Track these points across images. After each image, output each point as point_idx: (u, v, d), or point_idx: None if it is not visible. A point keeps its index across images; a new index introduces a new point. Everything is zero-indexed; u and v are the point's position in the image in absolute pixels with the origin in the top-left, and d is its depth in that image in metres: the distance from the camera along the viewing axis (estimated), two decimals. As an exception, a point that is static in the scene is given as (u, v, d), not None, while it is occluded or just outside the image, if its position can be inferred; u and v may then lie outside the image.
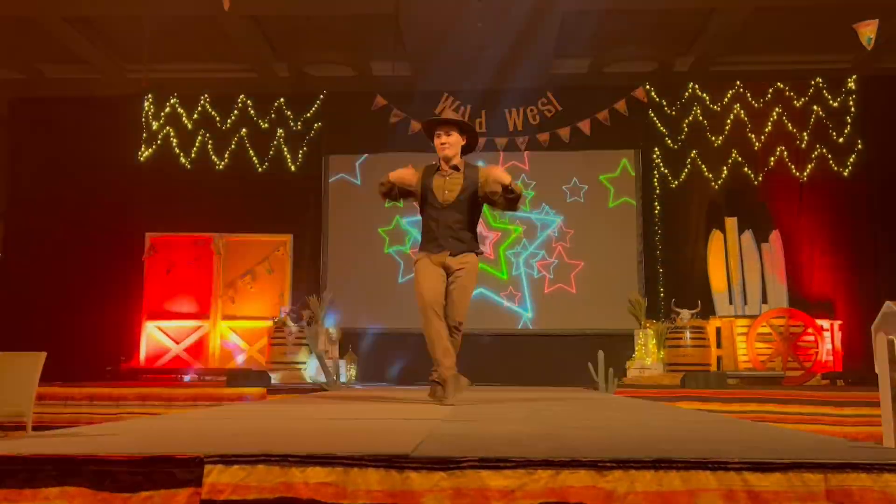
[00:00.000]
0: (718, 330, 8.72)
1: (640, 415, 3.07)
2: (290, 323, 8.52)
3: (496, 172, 3.92)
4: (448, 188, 4.10)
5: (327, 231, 9.65)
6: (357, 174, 9.70)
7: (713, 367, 8.37)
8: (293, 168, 9.74)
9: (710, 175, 9.45)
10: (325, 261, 9.56)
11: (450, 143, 4.08)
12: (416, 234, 9.18)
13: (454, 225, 4.10)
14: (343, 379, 7.53)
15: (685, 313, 8.29)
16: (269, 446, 1.74)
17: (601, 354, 6.37)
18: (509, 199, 3.99)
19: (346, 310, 9.18)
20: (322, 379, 6.76)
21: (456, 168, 4.12)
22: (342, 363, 8.10)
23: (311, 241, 9.63)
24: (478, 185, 4.07)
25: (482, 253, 4.35)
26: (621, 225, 9.44)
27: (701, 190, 9.43)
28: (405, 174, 4.06)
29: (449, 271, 4.08)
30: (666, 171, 9.57)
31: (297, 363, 8.35)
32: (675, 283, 9.28)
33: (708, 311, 8.78)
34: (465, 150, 4.18)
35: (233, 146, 9.73)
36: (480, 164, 4.25)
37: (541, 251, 9.48)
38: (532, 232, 9.53)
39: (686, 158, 9.51)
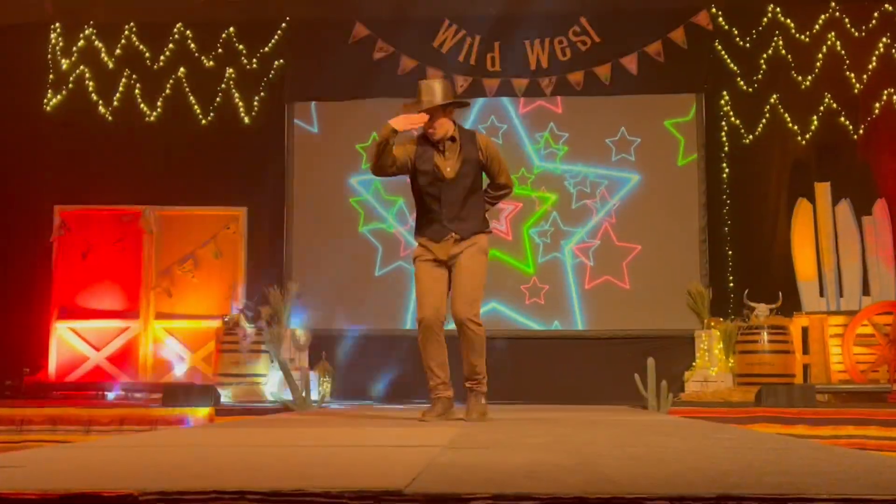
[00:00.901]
0: (805, 330, 8.82)
1: (700, 440, 3.10)
2: (244, 323, 8.62)
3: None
4: (447, 160, 4.62)
5: (292, 203, 9.70)
6: (330, 127, 9.72)
7: (798, 379, 8.45)
8: (247, 120, 9.78)
9: (796, 127, 9.47)
10: (289, 242, 9.64)
11: (439, 126, 4.60)
12: (403, 206, 9.38)
13: (459, 202, 4.61)
14: (314, 396, 7.57)
15: (762, 309, 8.35)
16: (222, 481, 1.77)
17: (651, 363, 6.47)
18: (497, 196, 4.80)
19: (317, 306, 9.30)
20: (287, 396, 6.82)
21: (452, 139, 4.63)
22: (313, 375, 8.19)
23: (272, 216, 9.69)
24: (478, 151, 4.63)
25: (491, 231, 4.85)
26: (678, 193, 9.50)
27: (783, 147, 9.48)
28: (415, 120, 4.51)
29: (454, 259, 4.58)
30: (737, 121, 9.58)
31: (255, 375, 8.50)
32: (748, 270, 9.33)
33: (792, 305, 8.88)
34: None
35: (167, 91, 9.72)
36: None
37: (576, 228, 9.54)
38: (566, 204, 9.56)
39: (764, 105, 9.51)
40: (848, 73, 9.39)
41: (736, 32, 9.52)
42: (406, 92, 8.73)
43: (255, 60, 9.73)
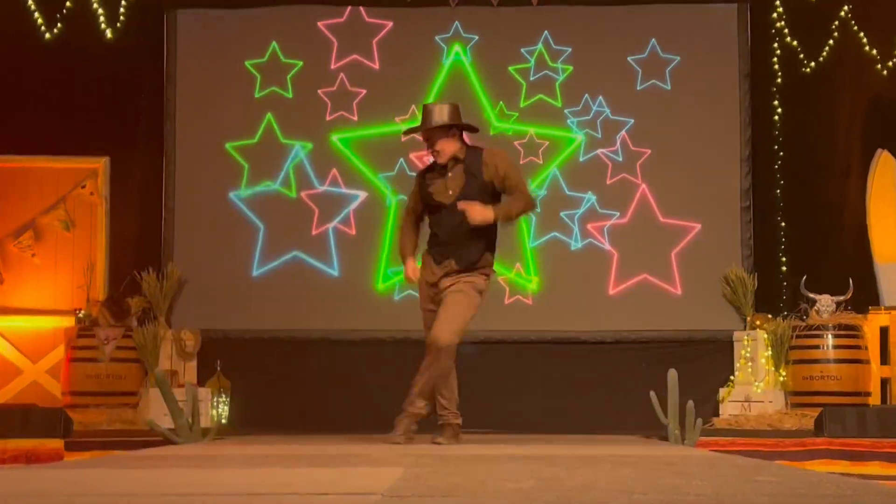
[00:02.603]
0: (885, 332, 8.63)
1: (736, 485, 3.08)
2: (106, 320, 8.54)
3: (475, 216, 5.50)
4: (450, 184, 5.67)
5: (174, 152, 9.50)
6: (228, 44, 9.59)
7: (874, 399, 8.36)
8: (109, 35, 9.45)
9: (875, 51, 9.28)
10: (171, 207, 9.49)
11: (440, 148, 5.63)
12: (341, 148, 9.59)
13: (461, 230, 5.61)
14: (205, 422, 7.50)
15: (825, 302, 8.30)
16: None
17: (673, 376, 6.31)
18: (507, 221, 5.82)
19: (211, 298, 9.23)
20: (167, 424, 6.67)
21: (457, 160, 5.67)
22: (203, 394, 8.07)
23: (145, 170, 9.54)
24: (483, 169, 5.63)
25: (491, 275, 5.90)
26: (711, 142, 9.40)
27: (858, 78, 9.34)
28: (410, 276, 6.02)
29: (446, 287, 5.75)
30: (794, 42, 9.41)
31: (121, 395, 8.44)
32: (807, 248, 9.27)
33: (868, 297, 8.73)
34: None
35: None
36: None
37: (584, 194, 9.48)
38: (572, 157, 9.54)
39: (831, 21, 9.34)
40: (948, -28, 9.29)
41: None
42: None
43: (118, -49, 9.55)
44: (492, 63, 9.48)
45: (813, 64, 9.37)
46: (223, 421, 8.44)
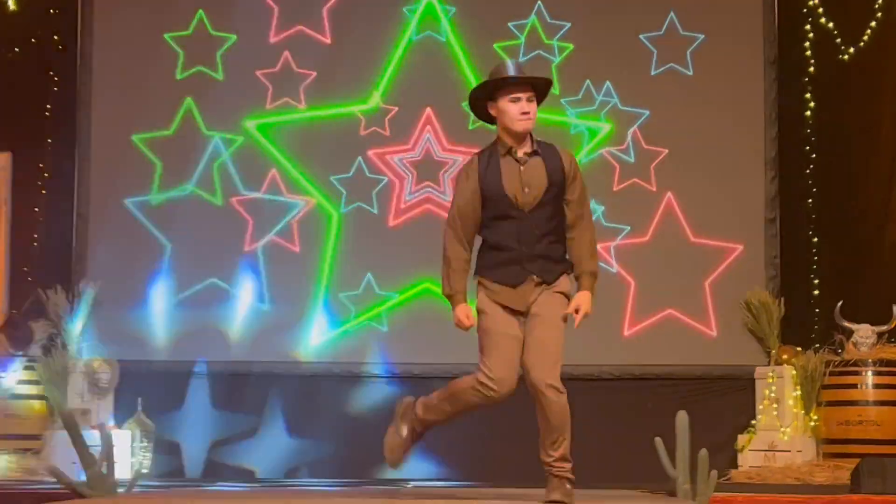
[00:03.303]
0: None
1: None
2: (3, 348, 8.59)
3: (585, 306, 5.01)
4: (528, 182, 5.05)
5: (89, 147, 9.29)
6: (148, 16, 9.39)
7: None
8: (12, 4, 9.33)
9: None
10: (84, 211, 9.32)
11: (533, 113, 5.07)
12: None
13: (542, 236, 5.05)
14: (122, 472, 7.43)
15: (865, 332, 8.24)
16: None
17: (683, 420, 6.05)
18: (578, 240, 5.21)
19: (130, 321, 9.10)
20: (76, 474, 6.48)
21: (535, 152, 5.09)
22: (122, 437, 8.11)
23: (54, 167, 9.37)
24: (563, 169, 5.12)
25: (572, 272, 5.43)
26: (733, 140, 9.25)
27: None
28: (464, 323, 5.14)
29: (531, 309, 5.12)
30: (830, 24, 9.31)
31: (22, 438, 8.36)
32: (844, 269, 9.16)
33: None
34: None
35: None
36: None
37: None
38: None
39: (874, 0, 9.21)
40: None
41: None
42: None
43: None
44: (473, 39, 9.26)
45: (852, 50, 9.28)
46: (144, 470, 8.13)
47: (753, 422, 8.49)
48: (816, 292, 9.19)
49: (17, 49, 9.27)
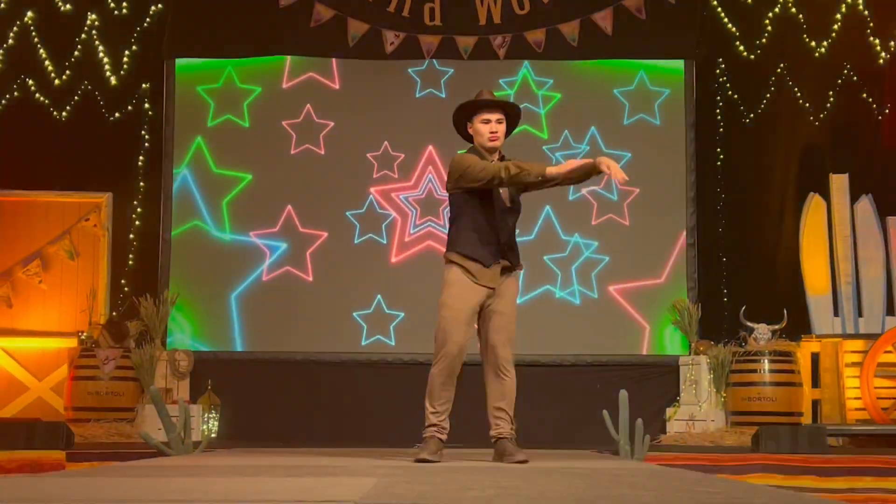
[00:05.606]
0: (816, 358, 9.05)
1: (677, 494, 3.17)
2: (106, 342, 8.72)
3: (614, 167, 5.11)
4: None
5: (171, 187, 9.68)
6: (224, 90, 9.78)
7: (806, 419, 8.74)
8: (114, 81, 9.77)
9: (808, 104, 9.69)
10: (168, 238, 9.64)
11: (501, 133, 5.40)
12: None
13: (512, 230, 5.44)
14: (196, 436, 7.55)
15: (762, 330, 8.67)
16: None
17: (624, 396, 6.49)
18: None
19: (203, 321, 9.53)
20: (161, 437, 6.79)
21: (503, 160, 5.35)
22: (194, 410, 8.26)
23: (145, 204, 9.75)
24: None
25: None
26: (660, 184, 9.63)
27: (792, 128, 9.71)
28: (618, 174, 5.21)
29: (493, 293, 5.32)
30: (735, 95, 9.83)
31: (120, 410, 8.58)
32: (746, 281, 9.56)
33: (800, 326, 9.09)
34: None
35: (10, 42, 9.68)
36: None
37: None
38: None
39: (769, 76, 9.74)
40: (872, 38, 9.65)
41: (735, -16, 9.71)
42: (323, 47, 9.60)
43: (124, 4, 9.76)
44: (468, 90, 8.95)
45: (752, 115, 9.80)
46: (212, 435, 8.43)
47: (678, 398, 8.90)
48: (725, 300, 9.57)
49: (117, 114, 9.73)
